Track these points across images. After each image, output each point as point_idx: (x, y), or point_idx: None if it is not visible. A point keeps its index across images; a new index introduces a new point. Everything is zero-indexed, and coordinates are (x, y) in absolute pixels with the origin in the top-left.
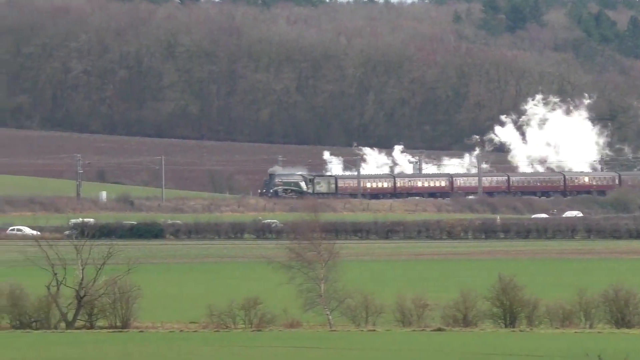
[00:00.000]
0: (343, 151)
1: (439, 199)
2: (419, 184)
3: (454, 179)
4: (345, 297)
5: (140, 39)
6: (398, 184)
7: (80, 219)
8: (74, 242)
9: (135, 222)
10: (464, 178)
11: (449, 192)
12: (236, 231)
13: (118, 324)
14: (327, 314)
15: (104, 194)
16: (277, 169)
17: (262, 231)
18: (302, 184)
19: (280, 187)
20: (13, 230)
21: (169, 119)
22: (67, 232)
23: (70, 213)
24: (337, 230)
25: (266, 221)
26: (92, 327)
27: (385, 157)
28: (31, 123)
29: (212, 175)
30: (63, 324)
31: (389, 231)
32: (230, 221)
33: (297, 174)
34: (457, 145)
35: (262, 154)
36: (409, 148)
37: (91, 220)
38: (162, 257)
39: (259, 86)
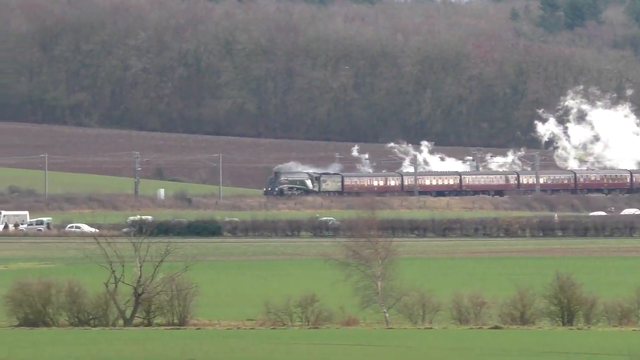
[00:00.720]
0: (375, 148)
1: (497, 196)
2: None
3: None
4: (402, 294)
5: (198, 36)
6: (406, 182)
7: (139, 217)
8: (132, 240)
9: (185, 220)
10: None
11: (507, 190)
12: (293, 229)
13: (175, 321)
14: (384, 312)
15: (162, 192)
16: (289, 166)
17: (319, 229)
18: (308, 182)
19: (285, 185)
20: (72, 227)
21: (226, 116)
22: (125, 230)
23: (129, 210)
24: (394, 228)
25: (323, 219)
26: (149, 324)
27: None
28: (90, 121)
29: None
30: (121, 321)
31: (446, 229)
32: (287, 219)
33: (303, 172)
34: (513, 143)
35: (319, 152)
36: (466, 145)
37: (149, 217)
38: (220, 255)
39: (316, 84)
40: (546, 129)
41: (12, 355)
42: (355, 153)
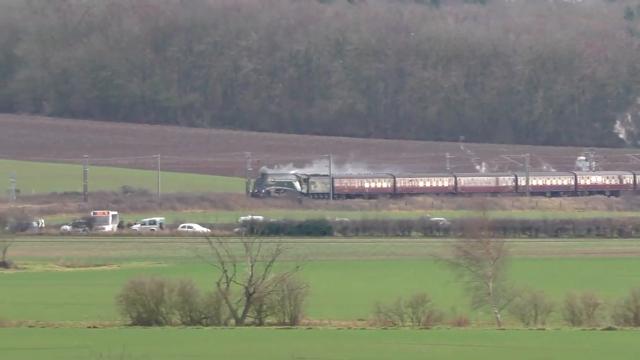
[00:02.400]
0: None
1: (612, 197)
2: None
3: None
4: (514, 295)
5: (309, 37)
6: (398, 184)
7: (250, 217)
8: (243, 239)
9: (296, 220)
10: None
11: (622, 190)
12: (403, 229)
13: (286, 320)
14: (496, 312)
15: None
16: (268, 168)
17: (430, 229)
18: (296, 184)
19: (272, 187)
20: (184, 227)
21: (336, 117)
22: (236, 229)
23: (240, 210)
24: (505, 228)
25: (434, 219)
26: (261, 323)
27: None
28: (202, 121)
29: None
30: (233, 321)
31: (558, 229)
32: (397, 219)
33: (291, 174)
34: (625, 143)
35: (429, 152)
36: (578, 145)
37: (260, 217)
38: (330, 255)
39: (426, 84)
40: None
41: (126, 354)
42: (467, 151)
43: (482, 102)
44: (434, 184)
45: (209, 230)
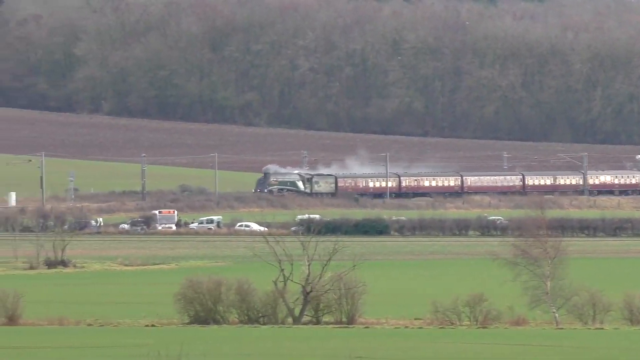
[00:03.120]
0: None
1: None
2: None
3: None
4: (572, 294)
5: (366, 36)
6: (403, 184)
7: (307, 216)
8: (300, 238)
9: (352, 219)
10: None
11: None
12: (460, 228)
13: (344, 319)
14: (553, 312)
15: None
16: (272, 167)
17: (487, 228)
18: (299, 184)
19: (275, 186)
20: (241, 226)
21: (393, 115)
22: (293, 228)
23: (297, 209)
24: (563, 227)
25: (491, 218)
26: (318, 322)
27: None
28: (259, 120)
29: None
30: (290, 320)
31: (617, 228)
32: (454, 218)
33: (294, 173)
34: None
35: (486, 151)
36: (637, 144)
37: (317, 216)
38: (387, 254)
39: (483, 82)
40: None
41: (183, 353)
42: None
43: (540, 101)
44: (440, 184)
45: (266, 229)
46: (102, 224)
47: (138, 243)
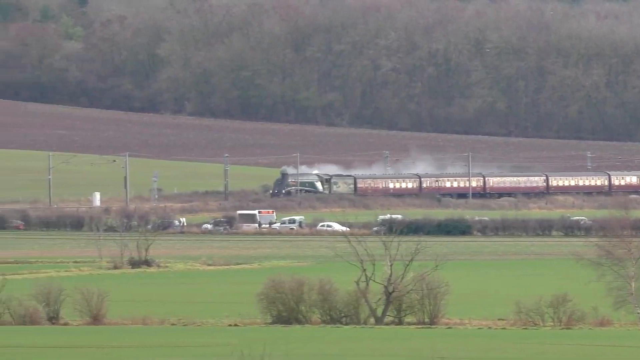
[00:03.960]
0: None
1: None
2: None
3: None
4: None
5: (448, 35)
6: (424, 185)
7: (389, 216)
8: (382, 238)
9: (435, 219)
10: None
11: None
12: (543, 228)
13: (426, 320)
14: (638, 312)
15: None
16: (289, 169)
17: (570, 228)
18: (318, 184)
19: (293, 187)
20: (323, 226)
21: (476, 115)
22: (375, 228)
23: (379, 209)
24: None
25: (574, 218)
26: (400, 322)
27: None
28: (341, 120)
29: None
30: (372, 320)
31: None
32: (537, 218)
33: (313, 174)
34: None
35: (570, 150)
36: None
37: (399, 216)
38: (469, 254)
39: (567, 82)
40: None
41: (266, 352)
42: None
43: (624, 101)
44: (461, 185)
45: (348, 229)
46: (185, 223)
47: (221, 243)
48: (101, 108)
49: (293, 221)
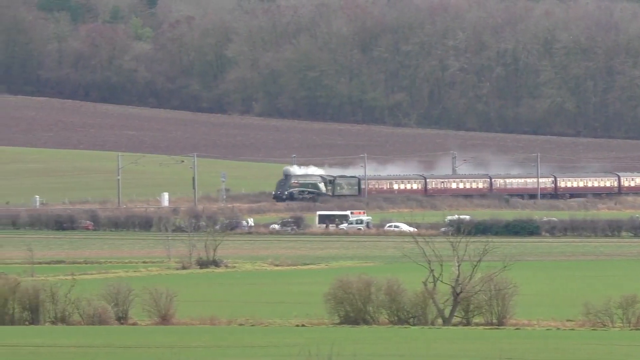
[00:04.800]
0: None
1: None
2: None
3: None
4: None
5: (517, 35)
6: (429, 186)
7: (457, 216)
8: (450, 239)
9: (503, 219)
10: None
11: None
12: (613, 229)
13: (494, 320)
14: None
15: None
16: (293, 169)
17: None
18: (321, 186)
19: (296, 188)
20: (391, 226)
21: (544, 116)
22: (443, 229)
23: (447, 210)
24: None
25: None
26: (468, 323)
27: None
28: (408, 121)
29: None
30: (440, 320)
31: None
32: (606, 219)
33: (316, 175)
34: None
35: (639, 151)
36: None
37: (467, 217)
38: (538, 254)
39: (637, 82)
40: None
41: (334, 353)
42: None
43: None
44: (467, 186)
45: (415, 229)
46: (252, 224)
47: (288, 243)
48: (169, 109)
49: (360, 221)
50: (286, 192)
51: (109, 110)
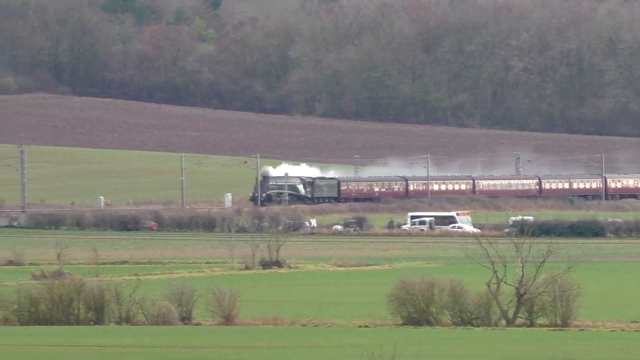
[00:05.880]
0: None
1: None
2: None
3: None
4: None
5: (581, 35)
6: (410, 187)
7: (520, 217)
8: (513, 240)
9: (567, 220)
10: None
11: None
12: None
13: (558, 322)
14: None
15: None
16: (270, 170)
17: None
18: (300, 187)
19: (274, 190)
20: (454, 227)
21: (609, 116)
22: (506, 230)
23: (510, 211)
24: None
25: None
26: (532, 324)
27: None
28: (472, 121)
29: None
30: (503, 322)
31: None
32: None
33: (294, 177)
34: None
35: None
36: None
37: (530, 217)
38: (603, 256)
39: None
40: None
41: (397, 353)
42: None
43: None
44: (450, 188)
45: (478, 230)
46: (315, 225)
47: (351, 244)
48: (232, 110)
49: (423, 222)
50: (264, 194)
51: (173, 112)
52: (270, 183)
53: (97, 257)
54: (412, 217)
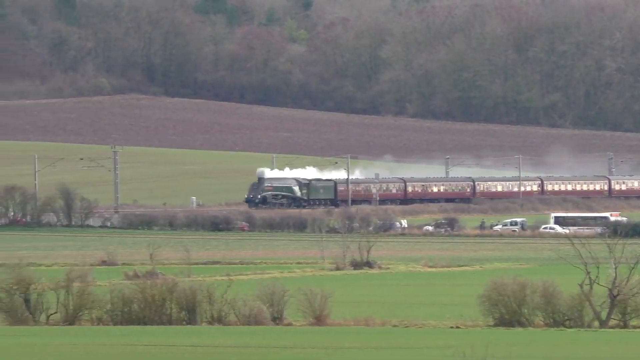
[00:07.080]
0: None
1: None
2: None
3: None
4: None
5: None
6: (409, 190)
7: (613, 217)
8: (607, 241)
9: None
10: None
11: None
12: None
13: None
14: None
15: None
16: (267, 172)
17: None
18: (296, 189)
19: (269, 192)
20: (546, 228)
21: None
22: (599, 231)
23: (603, 211)
24: None
25: None
26: (625, 326)
27: None
28: (564, 122)
29: None
30: (596, 323)
31: None
32: None
33: (290, 178)
34: None
35: None
36: None
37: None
38: None
39: None
40: None
41: (488, 355)
42: None
43: None
44: (448, 189)
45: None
46: (406, 225)
47: (442, 245)
48: (323, 110)
49: (515, 223)
50: (259, 196)
51: (264, 112)
52: (266, 185)
53: (189, 257)
54: (555, 218)
